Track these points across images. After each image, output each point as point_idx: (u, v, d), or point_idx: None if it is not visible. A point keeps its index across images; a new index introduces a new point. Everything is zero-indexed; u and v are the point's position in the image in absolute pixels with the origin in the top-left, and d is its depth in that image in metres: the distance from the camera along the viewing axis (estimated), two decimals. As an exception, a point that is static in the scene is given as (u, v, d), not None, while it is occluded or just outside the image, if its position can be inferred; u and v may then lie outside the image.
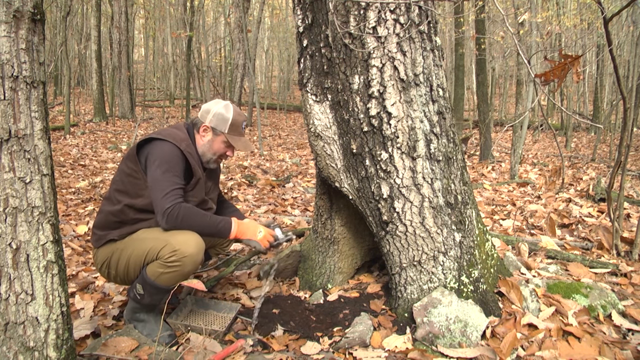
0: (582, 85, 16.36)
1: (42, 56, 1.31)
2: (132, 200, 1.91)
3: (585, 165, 8.49)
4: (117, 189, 1.95)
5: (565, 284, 2.13)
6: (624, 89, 3.70)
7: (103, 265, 1.97)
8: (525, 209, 4.01)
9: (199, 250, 1.82)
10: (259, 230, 2.03)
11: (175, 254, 1.77)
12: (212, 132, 2.02)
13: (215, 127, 2.01)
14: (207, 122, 2.02)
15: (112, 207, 1.93)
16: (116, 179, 1.98)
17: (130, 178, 1.92)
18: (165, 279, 1.81)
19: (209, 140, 2.03)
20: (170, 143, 1.90)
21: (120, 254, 1.91)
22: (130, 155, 1.93)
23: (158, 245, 1.81)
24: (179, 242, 1.79)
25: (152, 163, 1.87)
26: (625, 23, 9.81)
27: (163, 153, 1.88)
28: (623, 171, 2.69)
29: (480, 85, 8.34)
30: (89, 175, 6.28)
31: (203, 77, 19.89)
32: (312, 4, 2.00)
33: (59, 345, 1.36)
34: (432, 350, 1.79)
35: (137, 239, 1.89)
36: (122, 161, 2.00)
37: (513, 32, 1.68)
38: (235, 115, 2.03)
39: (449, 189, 2.03)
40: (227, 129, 2.01)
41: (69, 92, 10.47)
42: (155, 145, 1.90)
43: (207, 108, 2.05)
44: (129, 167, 1.93)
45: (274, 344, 1.91)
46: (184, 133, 2.01)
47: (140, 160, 1.92)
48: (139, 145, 1.93)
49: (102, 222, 1.96)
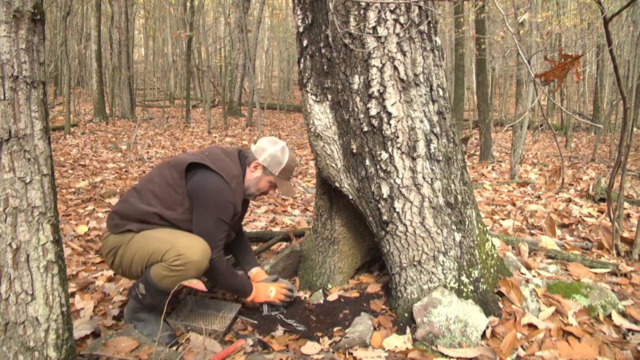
0: (582, 85, 16.37)
1: (42, 56, 1.31)
2: (164, 211, 1.91)
3: (585, 165, 8.49)
4: (152, 190, 1.93)
5: (565, 284, 2.13)
6: (624, 89, 3.70)
7: (110, 252, 1.96)
8: (525, 209, 4.01)
9: (204, 257, 1.81)
10: (269, 290, 2.09)
11: (180, 258, 1.77)
12: (263, 170, 2.04)
13: (267, 167, 2.03)
14: (260, 159, 2.03)
15: (141, 205, 1.92)
16: (155, 180, 1.96)
17: (170, 189, 1.92)
18: (168, 282, 1.80)
19: (257, 177, 2.05)
20: (223, 182, 1.90)
21: (127, 247, 1.90)
22: (178, 169, 1.92)
23: (164, 247, 1.81)
24: (185, 246, 1.79)
25: (203, 203, 1.89)
26: (625, 23, 9.81)
27: (215, 195, 1.89)
28: (623, 171, 2.69)
29: (480, 85, 8.34)
30: (89, 175, 6.28)
31: (203, 77, 19.90)
32: (312, 4, 2.00)
33: (59, 345, 1.36)
34: (432, 350, 1.79)
35: (146, 236, 1.89)
36: (165, 165, 1.98)
37: (513, 32, 1.68)
38: (289, 161, 2.05)
39: (449, 189, 2.03)
40: (277, 172, 2.04)
41: (69, 92, 10.47)
42: (208, 179, 1.90)
43: (262, 145, 2.05)
44: (173, 180, 1.92)
45: (274, 344, 1.91)
46: (237, 167, 2.01)
47: (189, 185, 1.91)
48: (191, 165, 1.91)
49: (126, 212, 1.94)
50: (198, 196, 1.90)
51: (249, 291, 2.05)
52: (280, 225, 3.81)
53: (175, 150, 9.08)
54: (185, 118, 14.42)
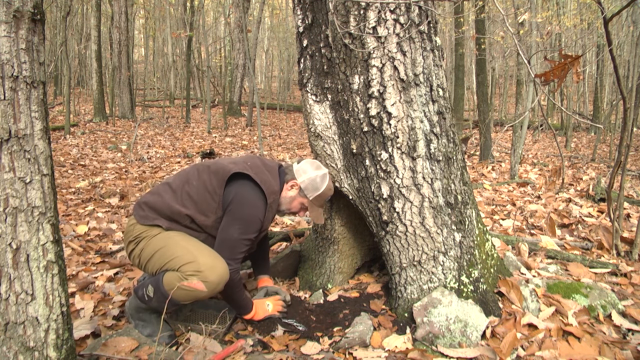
0: (582, 85, 16.37)
1: (42, 56, 1.31)
2: (197, 215, 1.90)
3: (585, 165, 8.49)
4: (189, 192, 1.92)
5: (565, 284, 2.13)
6: (624, 89, 3.70)
7: (133, 241, 1.93)
8: (525, 209, 4.01)
9: (220, 280, 1.79)
10: (266, 305, 2.10)
11: (197, 275, 1.74)
12: (299, 191, 2.04)
13: (304, 189, 2.02)
14: (299, 180, 2.03)
15: (175, 204, 1.91)
16: (193, 182, 1.94)
17: (207, 194, 1.91)
18: (179, 294, 1.77)
19: (292, 196, 2.05)
20: (261, 197, 1.91)
21: (151, 241, 1.88)
22: (220, 178, 1.91)
23: (186, 258, 1.78)
24: (206, 264, 1.77)
25: (235, 213, 1.88)
26: (625, 23, 9.81)
27: (249, 210, 1.89)
28: (623, 171, 2.69)
29: (480, 85, 8.34)
30: (89, 175, 6.28)
31: (203, 77, 19.90)
32: (312, 4, 2.00)
33: (59, 345, 1.36)
34: (432, 350, 1.79)
35: (173, 239, 1.87)
36: (205, 169, 1.96)
37: (513, 32, 1.68)
38: (326, 190, 2.04)
39: (449, 189, 2.03)
40: (312, 197, 2.03)
41: (69, 92, 10.47)
42: (248, 191, 1.90)
43: (305, 167, 2.05)
44: (212, 186, 1.91)
45: (274, 344, 1.91)
46: (277, 183, 2.00)
47: (227, 193, 1.90)
48: (235, 175, 1.91)
49: (157, 206, 1.92)
50: (233, 204, 1.89)
51: (249, 309, 2.04)
52: (280, 225, 3.81)
53: (175, 150, 9.08)
54: (185, 118, 14.42)
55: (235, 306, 2.04)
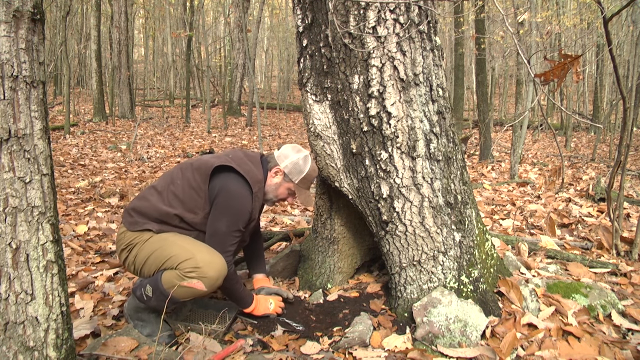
0: (582, 85, 16.37)
1: (42, 56, 1.31)
2: (185, 213, 1.90)
3: (585, 165, 8.49)
4: (175, 192, 1.92)
5: (565, 284, 2.13)
6: (624, 89, 3.70)
7: (125, 249, 1.94)
8: (525, 209, 4.01)
9: (219, 276, 1.79)
10: (269, 303, 2.09)
11: (196, 272, 1.75)
12: (283, 177, 2.04)
13: (288, 174, 2.02)
14: (282, 166, 2.03)
15: (162, 205, 1.91)
16: (177, 182, 1.94)
17: (193, 192, 1.91)
18: (179, 292, 1.77)
19: (277, 183, 2.05)
20: (246, 187, 1.90)
21: (144, 246, 1.88)
22: (203, 173, 1.91)
23: (183, 256, 1.78)
24: (205, 260, 1.77)
25: (222, 206, 1.88)
26: (625, 23, 9.81)
27: (236, 202, 1.88)
28: (623, 171, 2.69)
29: (480, 85, 8.34)
30: (89, 175, 6.28)
31: (203, 77, 19.90)
32: (312, 4, 2.00)
33: (59, 345, 1.36)
34: (432, 350, 1.79)
35: (167, 240, 1.87)
36: (189, 167, 1.96)
37: (513, 32, 1.68)
38: (311, 171, 2.04)
39: (449, 189, 2.03)
40: (298, 180, 2.03)
41: (69, 92, 10.47)
42: (232, 182, 1.89)
43: (286, 152, 2.05)
44: (196, 182, 1.91)
45: (274, 344, 1.91)
46: (260, 172, 2.00)
47: (212, 187, 1.90)
48: (217, 169, 1.91)
49: (145, 211, 1.92)
50: (219, 198, 1.89)
51: (249, 302, 2.04)
52: (280, 225, 3.81)
53: (175, 150, 9.09)
54: (185, 118, 14.42)
55: (235, 300, 2.03)
